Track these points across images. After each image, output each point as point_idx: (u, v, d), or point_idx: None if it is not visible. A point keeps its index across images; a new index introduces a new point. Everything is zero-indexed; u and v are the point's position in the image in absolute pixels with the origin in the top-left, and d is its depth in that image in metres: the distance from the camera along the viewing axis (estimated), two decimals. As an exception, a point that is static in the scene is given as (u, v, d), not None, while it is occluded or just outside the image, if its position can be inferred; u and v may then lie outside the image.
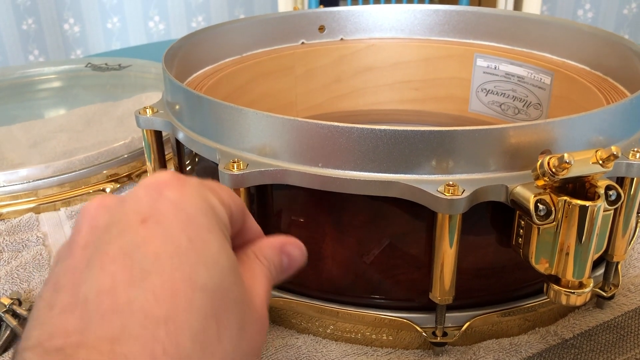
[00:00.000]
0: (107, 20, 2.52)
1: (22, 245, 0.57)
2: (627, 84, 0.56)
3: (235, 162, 0.41)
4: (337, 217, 0.43)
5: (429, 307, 0.42)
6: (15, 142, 0.76)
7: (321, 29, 0.74)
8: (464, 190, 0.37)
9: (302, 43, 0.73)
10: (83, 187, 0.67)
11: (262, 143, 0.42)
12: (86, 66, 0.96)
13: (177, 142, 0.53)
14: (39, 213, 0.64)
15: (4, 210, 0.63)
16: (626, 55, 0.57)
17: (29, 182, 0.64)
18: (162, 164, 0.54)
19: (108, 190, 0.66)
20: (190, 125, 0.47)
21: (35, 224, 0.61)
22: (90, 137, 0.75)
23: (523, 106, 0.68)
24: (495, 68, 0.70)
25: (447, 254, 0.39)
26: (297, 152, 0.41)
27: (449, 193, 0.37)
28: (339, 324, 0.45)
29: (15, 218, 0.62)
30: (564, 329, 0.46)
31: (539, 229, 0.37)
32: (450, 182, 0.38)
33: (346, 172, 0.40)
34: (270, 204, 0.45)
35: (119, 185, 0.67)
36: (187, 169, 0.53)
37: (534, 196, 0.37)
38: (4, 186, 0.64)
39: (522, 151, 0.39)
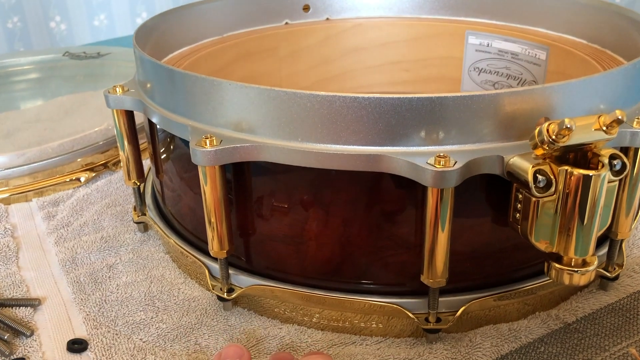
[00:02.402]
0: (93, 18, 2.48)
1: (-12, 237, 0.54)
2: (627, 56, 0.53)
3: (207, 137, 0.38)
4: (320, 196, 0.39)
5: (421, 291, 0.39)
6: (-12, 133, 0.73)
7: (306, 8, 0.71)
8: (455, 162, 0.34)
9: (286, 23, 0.70)
10: (57, 176, 0.63)
11: (237, 117, 0.39)
12: (64, 55, 0.92)
13: (151, 127, 0.50)
14: (9, 204, 0.60)
15: (-28, 201, 0.59)
16: (624, 26, 0.54)
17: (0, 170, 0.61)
18: (136, 152, 0.51)
19: (82, 179, 0.63)
20: (162, 102, 0.44)
21: (4, 215, 0.58)
22: (67, 127, 0.71)
23: (518, 84, 0.65)
24: (487, 45, 0.67)
25: (439, 233, 0.36)
26: (274, 125, 0.37)
27: (439, 165, 0.34)
28: (325, 312, 0.42)
29: (-17, 209, 0.58)
30: (566, 312, 0.43)
31: (538, 202, 0.34)
32: (441, 154, 0.34)
33: (328, 145, 0.37)
34: (249, 185, 0.41)
35: (94, 174, 0.64)
36: (162, 157, 0.50)
37: (533, 167, 0.34)
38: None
39: (518, 119, 0.36)
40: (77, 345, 0.42)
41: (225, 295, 0.43)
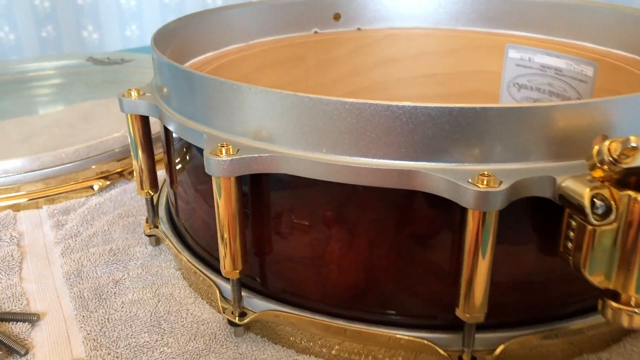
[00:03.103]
0: (125, 28, 2.50)
1: (-7, 245, 0.51)
2: (686, 73, 0.49)
3: (223, 146, 0.34)
4: (344, 214, 0.35)
5: (454, 325, 0.35)
6: (5, 138, 0.70)
7: (336, 17, 0.67)
8: (501, 182, 0.30)
9: (315, 32, 0.67)
10: (71, 183, 0.60)
11: (257, 124, 0.35)
12: (87, 60, 0.90)
13: (166, 134, 0.46)
14: (19, 211, 0.57)
15: (-19, 207, 0.57)
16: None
17: (11, 175, 0.58)
18: (150, 160, 0.48)
19: (96, 187, 0.60)
20: (178, 107, 0.41)
21: (11, 223, 0.55)
22: (85, 133, 0.69)
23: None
24: (529, 60, 0.62)
25: (479, 262, 0.32)
26: (297, 134, 0.34)
27: (482, 185, 0.30)
28: (346, 344, 0.38)
29: (-9, 216, 0.56)
30: (618, 356, 0.38)
31: (594, 231, 0.30)
32: (485, 172, 0.30)
33: (355, 158, 0.33)
34: (267, 199, 0.38)
35: (108, 183, 0.61)
36: (177, 167, 0.46)
37: (590, 190, 0.29)
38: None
39: (572, 136, 0.32)
40: (73, 369, 0.38)
41: (236, 320, 0.39)
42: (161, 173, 0.51)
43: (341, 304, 0.38)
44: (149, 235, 0.51)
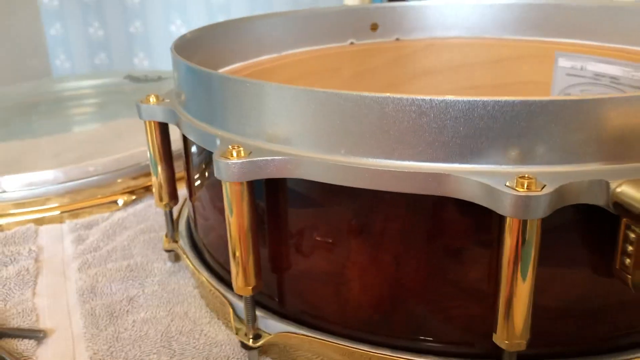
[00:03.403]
0: (170, 23, 2.55)
1: (11, 259, 0.49)
2: None
3: (234, 148, 0.31)
4: (365, 225, 0.32)
5: (493, 354, 0.30)
6: (37, 153, 0.70)
7: (374, 27, 0.64)
8: (544, 186, 0.26)
9: (352, 43, 0.64)
10: (97, 197, 0.59)
11: (271, 124, 0.32)
12: (125, 78, 0.90)
13: (185, 143, 0.44)
14: (42, 225, 0.56)
15: (3, 221, 0.55)
16: None
17: (36, 188, 0.57)
18: (169, 170, 0.45)
19: (120, 202, 0.58)
20: (194, 111, 0.38)
21: (32, 236, 0.53)
22: (115, 148, 0.67)
23: (617, 113, 0.55)
24: (581, 68, 0.58)
25: (518, 280, 0.27)
26: (313, 134, 0.30)
27: (522, 188, 0.26)
28: (370, 373, 0.34)
29: (13, 229, 0.54)
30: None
31: (659, 244, 0.25)
32: (526, 175, 0.26)
33: (377, 160, 0.29)
34: (283, 210, 0.34)
35: (134, 198, 0.59)
36: (196, 177, 0.43)
37: (652, 195, 0.25)
38: (6, 192, 0.56)
39: (630, 134, 0.27)
40: (73, 390, 0.35)
41: (250, 342, 0.36)
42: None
43: (364, 327, 0.34)
44: (167, 251, 0.48)
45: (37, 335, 0.40)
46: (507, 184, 0.26)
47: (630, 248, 0.27)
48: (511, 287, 0.28)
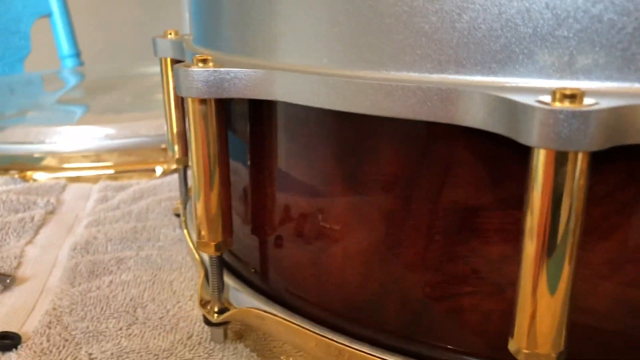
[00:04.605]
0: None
1: (25, 207, 0.46)
2: None
3: (201, 58, 0.25)
4: (346, 167, 0.23)
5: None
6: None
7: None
8: (596, 103, 0.16)
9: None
10: (139, 163, 0.55)
11: (252, 33, 0.25)
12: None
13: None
14: (78, 182, 0.53)
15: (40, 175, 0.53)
16: None
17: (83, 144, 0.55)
18: (183, 123, 0.39)
19: (159, 171, 0.53)
20: (195, 36, 0.32)
21: (58, 190, 0.50)
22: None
23: None
24: None
25: (552, 261, 0.18)
26: (288, 37, 0.23)
27: (561, 103, 0.17)
28: (350, 376, 0.25)
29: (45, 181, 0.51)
30: None
31: None
32: (569, 88, 0.17)
33: (369, 72, 0.21)
34: (264, 147, 0.27)
35: (174, 167, 0.54)
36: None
37: None
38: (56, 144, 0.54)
39: None
40: (5, 341, 0.30)
41: (214, 317, 0.28)
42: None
43: (347, 313, 0.25)
44: (177, 215, 0.42)
45: (3, 280, 0.35)
46: (539, 99, 0.17)
47: None
48: (538, 267, 0.18)
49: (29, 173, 0.52)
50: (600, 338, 0.21)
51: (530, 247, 0.18)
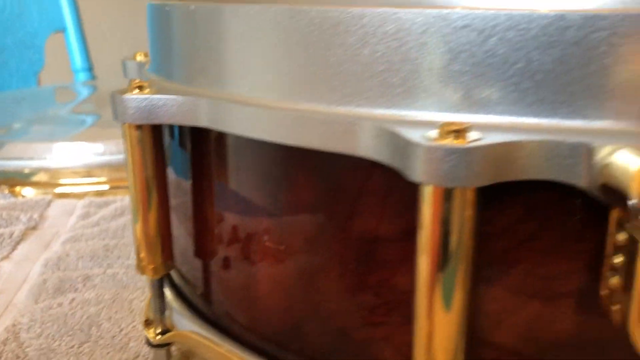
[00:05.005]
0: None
1: (6, 222, 0.47)
2: None
3: (138, 84, 0.25)
4: (270, 193, 0.23)
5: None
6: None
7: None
8: (479, 139, 0.17)
9: None
10: (124, 180, 0.56)
11: (182, 60, 0.26)
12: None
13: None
14: (65, 198, 0.54)
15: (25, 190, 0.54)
16: None
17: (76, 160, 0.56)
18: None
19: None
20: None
21: (42, 206, 0.51)
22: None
23: None
24: None
25: (438, 300, 0.18)
26: (215, 66, 0.23)
27: (444, 139, 0.17)
28: (278, 404, 0.25)
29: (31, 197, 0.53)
30: None
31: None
32: (455, 123, 0.17)
33: (284, 102, 0.21)
34: (202, 172, 0.27)
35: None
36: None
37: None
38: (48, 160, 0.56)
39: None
40: (-43, 357, 0.30)
41: (155, 338, 0.29)
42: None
43: (275, 338, 0.25)
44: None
45: (-32, 295, 0.36)
46: (426, 134, 0.17)
47: (616, 261, 0.16)
48: (430, 308, 0.18)
49: (17, 188, 0.54)
50: (507, 373, 0.20)
51: (422, 269, 0.18)
